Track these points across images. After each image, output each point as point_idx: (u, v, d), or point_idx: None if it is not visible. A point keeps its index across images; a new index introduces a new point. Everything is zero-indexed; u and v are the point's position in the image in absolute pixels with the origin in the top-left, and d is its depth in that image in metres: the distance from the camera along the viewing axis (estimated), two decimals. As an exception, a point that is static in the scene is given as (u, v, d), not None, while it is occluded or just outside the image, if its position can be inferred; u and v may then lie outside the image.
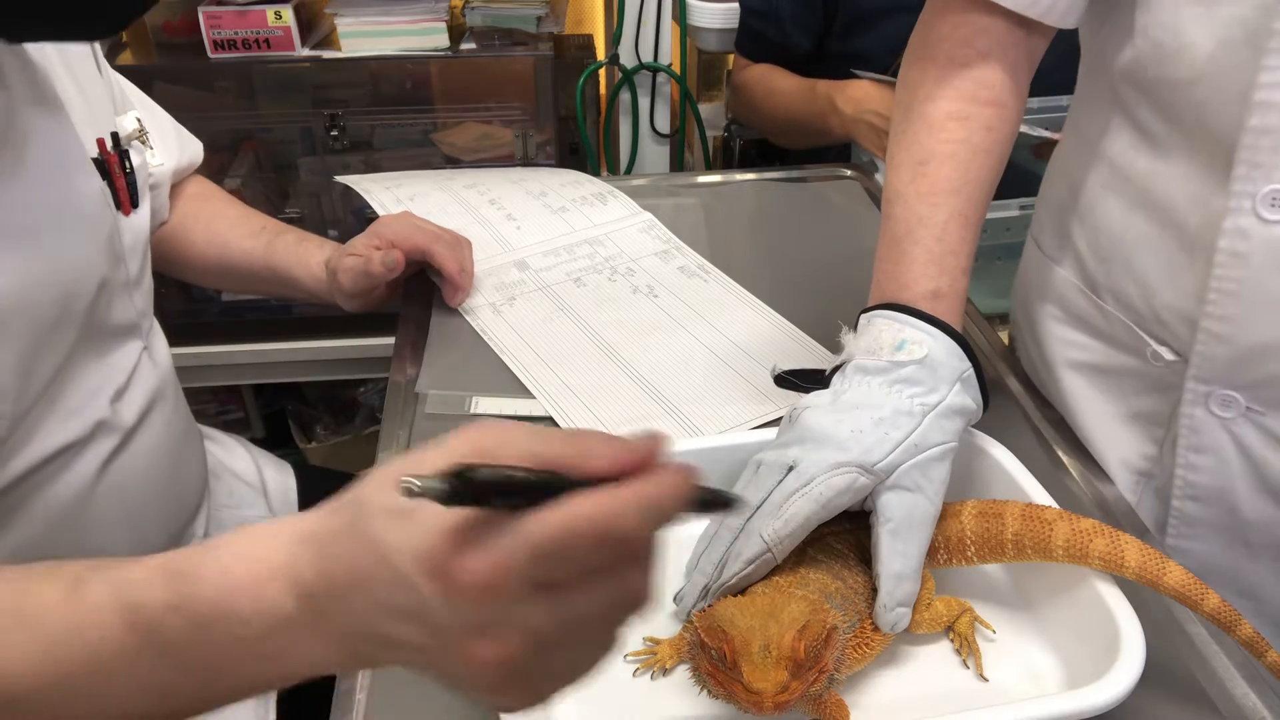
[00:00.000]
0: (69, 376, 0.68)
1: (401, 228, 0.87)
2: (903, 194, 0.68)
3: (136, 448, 0.75)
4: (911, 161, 0.68)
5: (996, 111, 0.68)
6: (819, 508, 0.56)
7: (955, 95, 0.68)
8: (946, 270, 0.65)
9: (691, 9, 1.49)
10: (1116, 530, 0.56)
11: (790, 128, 1.35)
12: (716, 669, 0.50)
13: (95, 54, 0.78)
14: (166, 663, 0.42)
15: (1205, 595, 0.54)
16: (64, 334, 0.65)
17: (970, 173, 0.67)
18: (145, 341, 0.78)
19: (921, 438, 0.58)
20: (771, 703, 0.48)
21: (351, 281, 0.86)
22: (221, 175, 1.57)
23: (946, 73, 0.69)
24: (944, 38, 0.70)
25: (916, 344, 0.61)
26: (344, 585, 0.38)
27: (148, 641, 0.41)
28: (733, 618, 0.51)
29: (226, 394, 1.83)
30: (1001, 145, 0.69)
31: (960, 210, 0.66)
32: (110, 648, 0.41)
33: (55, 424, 0.67)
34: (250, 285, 0.96)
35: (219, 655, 0.41)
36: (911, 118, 0.70)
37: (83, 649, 0.42)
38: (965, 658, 0.58)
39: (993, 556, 0.59)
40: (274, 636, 0.40)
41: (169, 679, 0.42)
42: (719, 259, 0.99)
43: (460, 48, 1.46)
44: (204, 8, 1.38)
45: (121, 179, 0.73)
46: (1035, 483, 0.63)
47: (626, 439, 0.36)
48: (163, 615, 0.41)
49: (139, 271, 0.77)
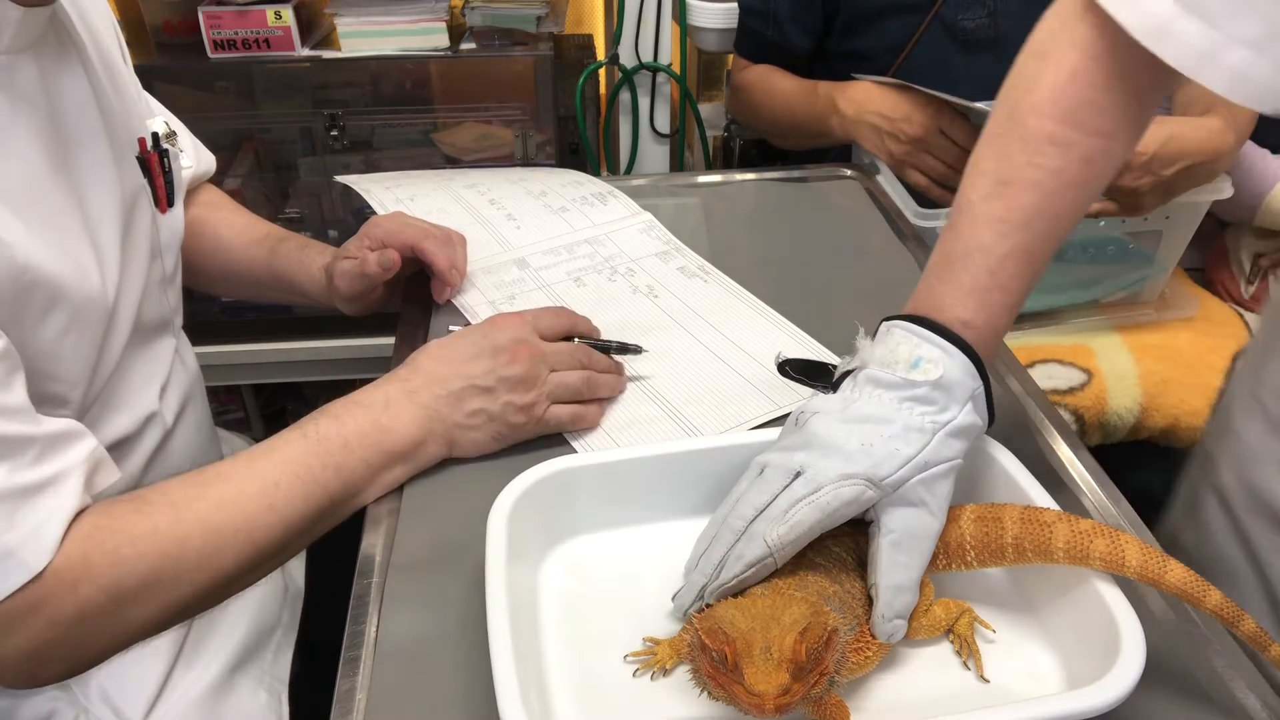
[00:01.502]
0: (124, 370, 0.70)
1: (391, 225, 0.87)
2: (973, 209, 0.63)
3: (175, 443, 0.77)
4: (993, 176, 0.63)
5: (1102, 144, 0.62)
6: (824, 516, 0.56)
7: (1062, 117, 0.61)
8: (988, 305, 0.62)
9: (691, 9, 1.49)
10: (1116, 530, 0.56)
11: (791, 129, 1.35)
12: (717, 670, 0.50)
13: (125, 58, 0.79)
14: (316, 451, 0.66)
15: (1207, 592, 0.54)
16: (122, 326, 0.68)
17: (1051, 206, 0.62)
18: (177, 339, 0.80)
19: (931, 455, 0.58)
20: (773, 704, 0.47)
21: (348, 285, 0.86)
22: (221, 175, 1.56)
23: (1063, 85, 0.61)
24: (1073, 44, 0.61)
25: (932, 363, 0.59)
26: (428, 364, 0.71)
27: (303, 439, 0.66)
28: (733, 619, 0.51)
29: (226, 394, 1.83)
30: (1098, 180, 0.63)
31: (1025, 245, 0.62)
32: (275, 461, 0.65)
33: (112, 416, 0.69)
34: (255, 292, 0.97)
35: (352, 431, 0.67)
36: (1011, 124, 0.63)
37: (255, 477, 0.64)
38: (965, 659, 0.58)
39: (993, 561, 0.59)
40: (388, 408, 0.69)
41: (317, 474, 0.65)
42: (719, 259, 0.99)
43: (460, 48, 1.46)
44: (204, 8, 1.38)
45: (160, 177, 0.75)
46: (1037, 485, 0.62)
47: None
48: (314, 421, 0.67)
49: (173, 269, 0.79)
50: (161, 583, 0.60)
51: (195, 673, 0.78)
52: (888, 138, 1.16)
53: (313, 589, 0.92)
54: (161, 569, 0.60)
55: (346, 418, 0.68)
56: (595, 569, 0.65)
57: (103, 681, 0.74)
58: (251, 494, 0.64)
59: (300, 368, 1.63)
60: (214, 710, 0.77)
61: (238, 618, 0.82)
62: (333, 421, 0.67)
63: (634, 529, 0.67)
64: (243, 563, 0.63)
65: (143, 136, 0.73)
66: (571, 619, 0.61)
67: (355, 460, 0.67)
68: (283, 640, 0.86)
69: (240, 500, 0.63)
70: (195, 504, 0.62)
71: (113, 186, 0.68)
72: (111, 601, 0.59)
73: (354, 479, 0.67)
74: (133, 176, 0.72)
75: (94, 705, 0.73)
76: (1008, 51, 0.65)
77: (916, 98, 1.14)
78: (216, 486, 0.63)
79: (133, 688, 0.74)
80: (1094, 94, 0.61)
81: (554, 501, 0.64)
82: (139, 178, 0.73)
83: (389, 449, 0.68)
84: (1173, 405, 1.13)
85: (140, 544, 0.59)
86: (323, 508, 0.67)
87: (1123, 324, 1.20)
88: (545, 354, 0.72)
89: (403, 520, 0.68)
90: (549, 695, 0.56)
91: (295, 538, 0.66)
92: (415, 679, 0.58)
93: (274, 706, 0.81)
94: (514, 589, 0.57)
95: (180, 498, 0.62)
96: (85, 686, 0.73)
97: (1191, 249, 1.22)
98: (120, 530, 0.59)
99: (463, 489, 0.70)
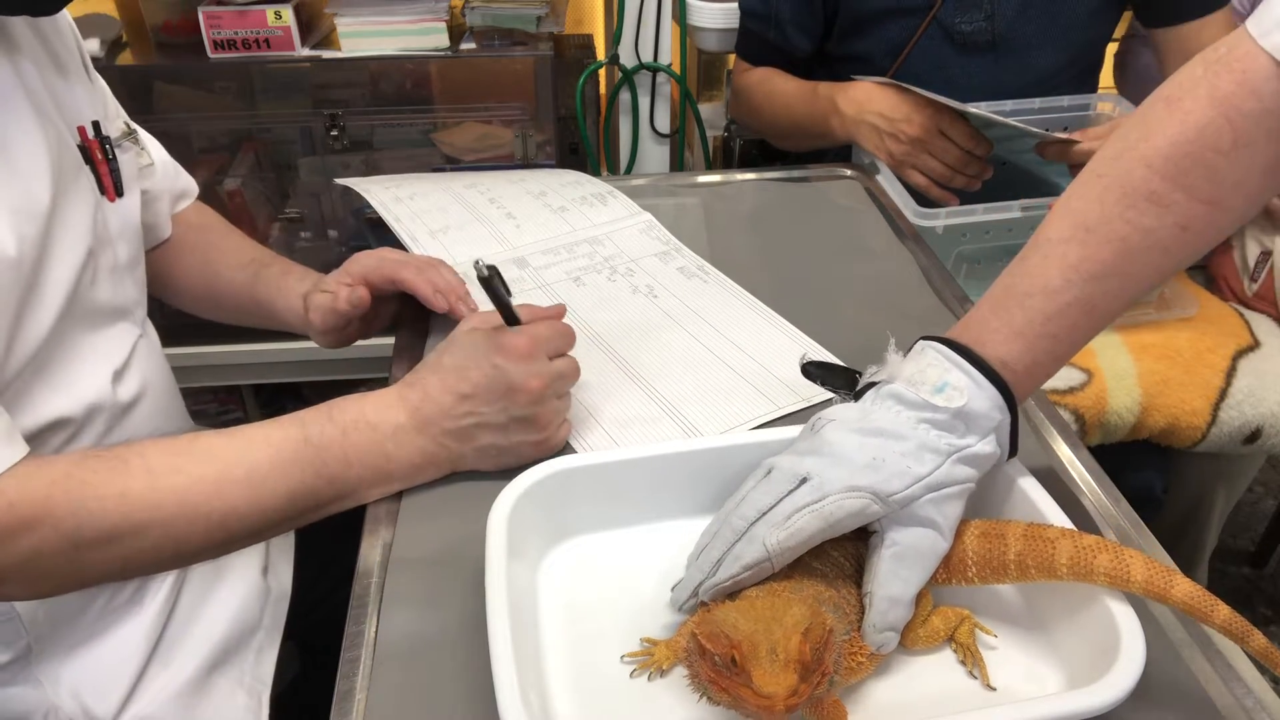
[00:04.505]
0: (64, 349, 0.70)
1: (370, 261, 0.86)
2: (1049, 248, 0.60)
3: (130, 431, 0.76)
4: (1079, 219, 0.60)
5: (1206, 211, 0.57)
6: (826, 525, 0.56)
7: (1172, 174, 0.57)
8: (1033, 351, 0.60)
9: (691, 9, 1.49)
10: (1120, 545, 0.55)
11: (792, 130, 1.35)
12: (720, 674, 0.50)
13: (85, 62, 0.79)
14: (314, 459, 0.65)
15: (1215, 607, 0.53)
16: (49, 301, 0.67)
17: (1130, 266, 0.59)
18: (141, 330, 0.80)
19: (943, 476, 0.57)
20: (783, 705, 0.47)
21: (322, 319, 0.86)
22: (221, 175, 1.57)
23: (1185, 140, 0.56)
24: (1211, 97, 0.56)
25: (958, 391, 0.58)
26: (437, 392, 0.68)
27: (304, 444, 0.65)
28: (735, 622, 0.50)
29: (226, 394, 1.83)
30: (1189, 249, 0.59)
31: (1091, 298, 0.59)
32: (269, 455, 0.64)
33: (50, 395, 0.68)
34: (237, 317, 0.96)
35: (355, 449, 0.67)
36: (1115, 168, 0.59)
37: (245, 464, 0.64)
38: (971, 668, 0.58)
39: (995, 577, 0.58)
40: (395, 436, 0.68)
41: (309, 481, 0.65)
42: (719, 259, 0.99)
43: (460, 48, 1.46)
44: (204, 8, 1.38)
45: (105, 165, 0.75)
46: (1054, 505, 0.61)
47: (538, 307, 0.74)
48: (320, 427, 0.66)
49: (129, 260, 0.78)
50: (122, 540, 0.61)
51: (171, 671, 0.78)
52: (888, 138, 1.17)
53: (308, 591, 0.92)
54: (122, 529, 0.61)
55: (353, 433, 0.67)
56: (595, 569, 0.65)
57: (73, 679, 0.73)
58: (236, 480, 0.64)
59: (300, 368, 1.63)
60: (189, 710, 0.77)
61: (216, 617, 0.82)
62: (337, 433, 0.67)
63: (633, 529, 0.67)
64: (212, 540, 0.64)
65: (82, 125, 0.74)
66: (571, 619, 0.61)
67: (352, 475, 0.67)
68: (265, 642, 0.85)
69: (222, 484, 0.63)
70: (173, 476, 0.62)
71: (37, 158, 0.67)
72: (70, 546, 0.60)
73: (347, 491, 0.68)
74: (68, 158, 0.71)
75: (64, 703, 0.73)
76: (1004, 54, 0.64)
77: (916, 98, 1.14)
78: (200, 463, 0.63)
79: (104, 686, 0.74)
80: (1215, 157, 0.56)
81: (554, 501, 0.64)
82: (77, 160, 0.72)
83: (389, 472, 0.68)
84: (1173, 405, 1.13)
85: (107, 502, 0.60)
86: (307, 509, 0.67)
87: (1122, 323, 1.20)
88: (553, 382, 0.70)
89: (402, 520, 0.68)
90: (548, 695, 0.56)
91: (272, 529, 0.67)
92: (415, 679, 0.58)
93: (253, 708, 0.80)
94: (514, 589, 0.57)
95: (159, 466, 0.62)
96: (56, 684, 0.73)
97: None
98: (89, 483, 0.60)
99: (463, 488, 0.70)
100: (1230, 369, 1.15)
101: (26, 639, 0.71)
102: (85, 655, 0.74)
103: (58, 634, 0.73)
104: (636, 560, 0.65)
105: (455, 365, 0.69)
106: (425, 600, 0.62)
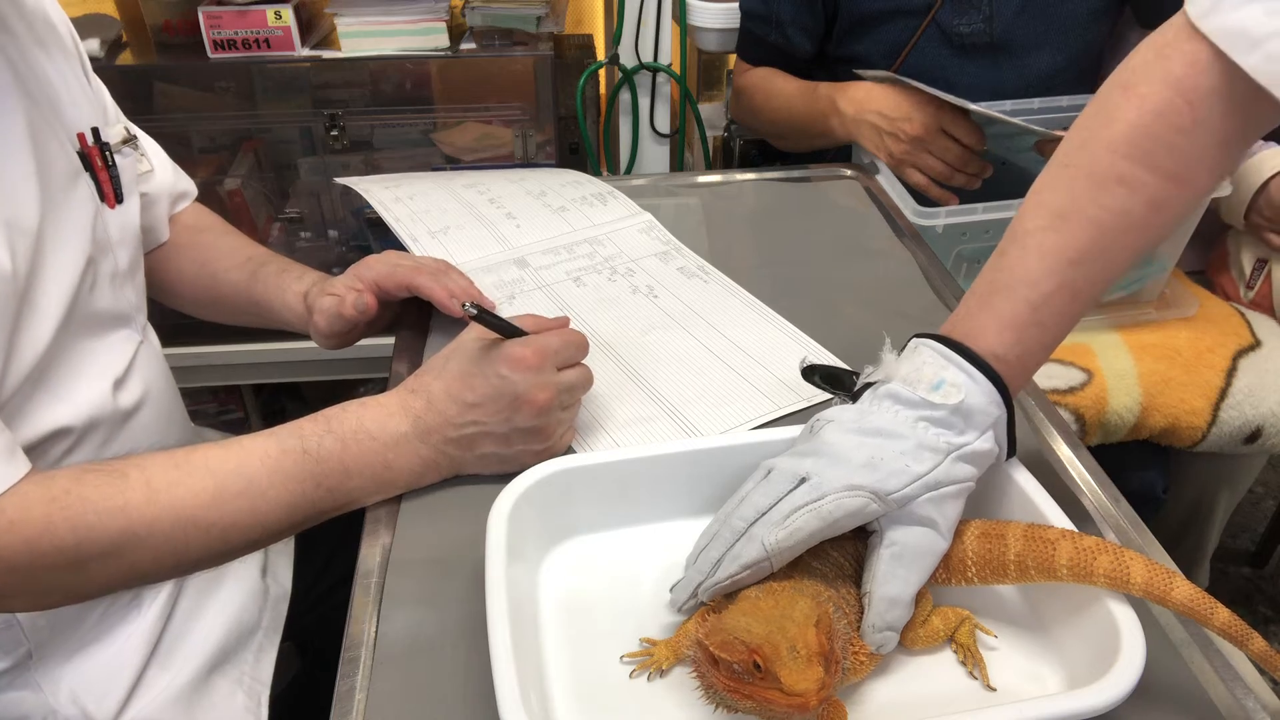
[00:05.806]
0: (65, 359, 0.69)
1: (382, 267, 0.85)
2: (1027, 239, 0.61)
3: (131, 439, 0.76)
4: (1053, 208, 0.61)
5: (1175, 189, 0.59)
6: (825, 525, 0.56)
7: (1138, 157, 0.58)
8: (1023, 340, 0.61)
9: (691, 9, 1.49)
10: (1120, 547, 0.55)
11: (792, 130, 1.35)
12: (740, 682, 0.49)
13: (84, 65, 0.79)
14: (313, 471, 0.65)
15: (1215, 610, 0.53)
16: (48, 311, 0.67)
17: (1108, 247, 0.60)
18: (142, 336, 0.79)
19: (942, 475, 0.57)
20: (816, 700, 0.47)
21: (327, 323, 0.85)
22: (221, 175, 1.57)
23: (1145, 123, 0.58)
24: (1165, 80, 0.58)
25: (954, 387, 0.59)
26: (441, 400, 0.67)
27: (303, 455, 0.65)
28: (747, 626, 0.50)
29: (226, 394, 1.83)
30: (1162, 226, 0.60)
31: (1073, 283, 0.60)
32: (268, 468, 0.64)
33: (53, 404, 0.68)
34: (235, 318, 0.95)
35: (355, 460, 0.66)
36: (1082, 156, 0.61)
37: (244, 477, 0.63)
38: (971, 669, 0.58)
39: (995, 578, 0.58)
40: (396, 445, 0.67)
41: (309, 492, 0.65)
42: (719, 259, 0.99)
43: (460, 48, 1.47)
44: (204, 8, 1.38)
45: (105, 172, 0.75)
46: (1055, 506, 0.61)
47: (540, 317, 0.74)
48: (319, 439, 0.65)
49: (130, 265, 0.78)
50: (123, 554, 0.61)
51: (170, 673, 0.78)
52: (888, 137, 1.17)
53: (307, 591, 0.92)
54: (123, 543, 0.61)
55: (353, 444, 0.66)
56: (595, 569, 0.65)
57: (73, 683, 0.73)
58: (235, 493, 0.63)
59: (300, 368, 1.63)
60: (189, 711, 0.77)
61: (215, 618, 0.82)
62: (337, 445, 0.66)
63: (633, 529, 0.67)
64: (211, 552, 0.64)
65: (81, 132, 0.73)
66: (571, 619, 0.61)
67: (352, 485, 0.67)
68: (264, 642, 0.85)
69: (221, 499, 0.63)
70: (173, 490, 0.62)
71: (26, 169, 0.66)
72: (71, 562, 0.60)
73: (346, 499, 0.68)
74: (65, 165, 0.71)
75: (63, 706, 0.72)
76: (1003, 56, 0.64)
77: (917, 97, 1.14)
78: (199, 478, 0.63)
79: (104, 689, 0.74)
80: (1176, 137, 0.58)
81: (554, 501, 0.64)
82: (76, 168, 0.72)
83: (389, 480, 0.68)
84: (1173, 405, 1.13)
85: (106, 518, 0.60)
86: (307, 518, 0.67)
87: (1123, 323, 1.20)
88: (560, 393, 0.69)
89: (402, 520, 0.68)
90: (548, 695, 0.56)
91: (271, 538, 0.67)
92: (415, 679, 0.58)
93: (252, 708, 0.80)
94: (514, 589, 0.57)
95: (159, 480, 0.62)
96: (55, 688, 0.73)
97: (1191, 251, 1.21)
98: (90, 499, 0.60)
99: (463, 489, 0.70)
100: (1230, 368, 1.15)
101: (27, 645, 0.71)
102: (85, 658, 0.74)
103: (58, 639, 0.73)
104: (636, 560, 0.65)
105: (461, 372, 0.68)
106: (425, 600, 0.62)
